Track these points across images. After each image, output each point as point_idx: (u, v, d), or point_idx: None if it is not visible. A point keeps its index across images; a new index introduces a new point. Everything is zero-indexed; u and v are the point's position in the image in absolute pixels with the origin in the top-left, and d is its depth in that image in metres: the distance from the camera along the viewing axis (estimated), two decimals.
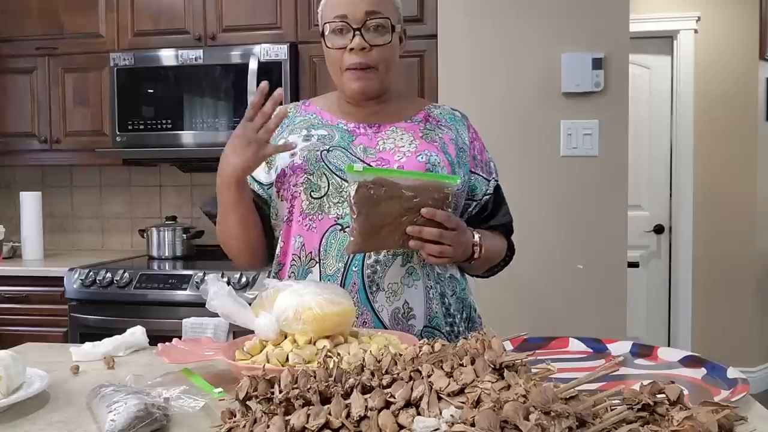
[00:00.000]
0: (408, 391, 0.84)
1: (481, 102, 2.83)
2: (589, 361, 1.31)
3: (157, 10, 3.39)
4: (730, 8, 4.53)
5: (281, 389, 0.88)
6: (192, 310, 2.65)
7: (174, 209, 3.75)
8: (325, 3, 1.52)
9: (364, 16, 1.46)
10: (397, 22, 1.51)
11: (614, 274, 2.81)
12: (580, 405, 0.79)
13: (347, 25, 1.46)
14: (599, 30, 2.78)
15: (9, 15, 3.54)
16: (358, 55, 1.46)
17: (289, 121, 1.59)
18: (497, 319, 1.63)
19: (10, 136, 3.60)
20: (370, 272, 1.45)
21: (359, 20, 1.46)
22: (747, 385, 1.08)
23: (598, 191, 2.80)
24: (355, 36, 1.45)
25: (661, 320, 4.78)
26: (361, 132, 1.55)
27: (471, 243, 1.45)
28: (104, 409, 1.01)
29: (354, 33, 1.45)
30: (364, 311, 1.45)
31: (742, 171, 4.56)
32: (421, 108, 1.62)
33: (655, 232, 4.73)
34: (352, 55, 1.46)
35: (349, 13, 1.46)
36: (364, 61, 1.47)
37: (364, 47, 1.45)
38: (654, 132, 4.70)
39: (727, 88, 4.55)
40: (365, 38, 1.45)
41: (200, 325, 1.97)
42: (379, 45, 1.47)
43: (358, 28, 1.45)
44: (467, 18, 2.86)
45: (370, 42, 1.46)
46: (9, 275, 3.25)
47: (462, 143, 1.58)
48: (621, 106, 2.78)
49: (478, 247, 1.46)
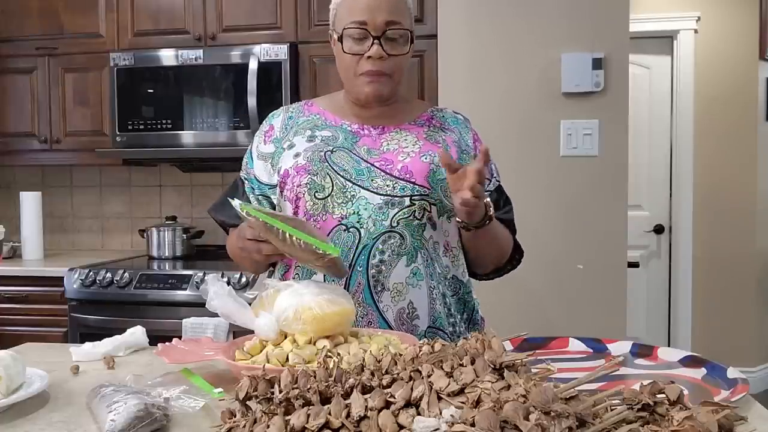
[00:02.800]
0: (408, 391, 0.84)
1: (481, 102, 2.83)
2: (589, 361, 1.31)
3: (157, 10, 3.39)
4: (730, 8, 4.52)
5: (281, 389, 0.88)
6: (192, 310, 2.65)
7: (174, 209, 3.75)
8: (339, 3, 1.51)
9: (384, 26, 1.45)
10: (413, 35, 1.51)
11: (614, 274, 2.81)
12: (580, 405, 0.79)
13: (366, 32, 1.45)
14: (599, 30, 2.77)
15: (9, 15, 3.54)
16: (375, 63, 1.46)
17: (293, 121, 1.60)
18: (497, 319, 1.63)
19: (10, 136, 3.59)
20: (375, 272, 1.45)
21: (379, 29, 1.45)
22: (747, 385, 1.08)
23: (598, 191, 2.80)
24: (374, 44, 1.45)
25: (661, 320, 4.78)
26: (365, 133, 1.55)
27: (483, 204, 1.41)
28: (104, 409, 1.01)
29: (373, 41, 1.45)
30: (369, 311, 1.45)
31: (742, 171, 4.55)
32: (424, 111, 1.62)
33: (655, 232, 4.73)
34: (369, 62, 1.46)
35: (368, 20, 1.45)
36: (380, 69, 1.47)
37: (382, 56, 1.46)
38: (654, 132, 4.70)
39: (727, 88, 4.55)
40: (383, 47, 1.45)
41: (200, 325, 1.97)
42: (396, 55, 1.47)
43: (378, 37, 1.45)
44: (467, 18, 2.86)
45: (389, 51, 1.46)
46: (9, 275, 3.25)
47: (465, 146, 1.58)
48: (621, 106, 2.78)
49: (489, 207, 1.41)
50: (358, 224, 1.45)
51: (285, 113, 1.62)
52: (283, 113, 1.63)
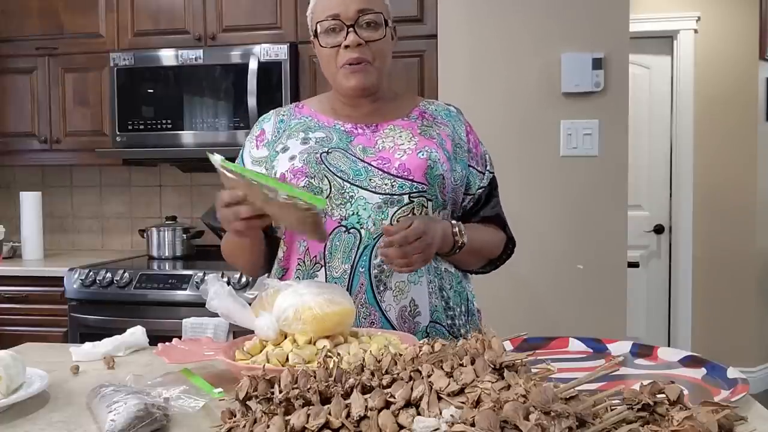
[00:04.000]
0: (408, 391, 0.84)
1: (481, 102, 2.83)
2: (589, 361, 1.31)
3: (157, 10, 3.39)
4: (730, 8, 4.52)
5: (281, 389, 0.88)
6: (192, 310, 2.65)
7: (174, 209, 3.75)
8: (315, 4, 1.52)
9: (356, 14, 1.46)
10: (388, 17, 1.51)
11: (614, 274, 2.81)
12: (580, 405, 0.79)
13: (340, 23, 1.46)
14: (599, 30, 2.77)
15: (9, 15, 3.54)
16: (353, 52, 1.47)
17: (285, 124, 1.59)
18: (497, 319, 1.63)
19: (10, 136, 3.60)
20: (377, 272, 1.45)
21: (352, 18, 1.46)
22: (747, 385, 1.08)
23: (598, 191, 2.80)
24: (349, 33, 1.46)
25: (661, 320, 4.78)
26: (359, 132, 1.54)
27: (449, 233, 1.45)
28: (104, 409, 1.01)
29: (347, 30, 1.46)
30: (372, 311, 1.45)
31: (742, 171, 4.55)
32: (415, 105, 1.62)
33: (655, 232, 4.73)
34: (347, 51, 1.47)
35: (341, 12, 1.46)
36: (359, 56, 1.47)
37: (359, 43, 1.46)
38: (654, 132, 4.70)
39: (727, 88, 4.55)
40: (358, 34, 1.46)
41: (200, 325, 1.97)
42: (373, 40, 1.47)
43: (351, 25, 1.46)
44: (467, 18, 2.86)
45: (365, 38, 1.47)
46: (9, 275, 3.25)
47: (458, 138, 1.58)
48: (621, 106, 2.78)
49: (459, 236, 1.46)
50: (358, 225, 1.45)
51: (276, 116, 1.62)
52: (273, 116, 1.62)
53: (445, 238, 1.44)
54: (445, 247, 1.45)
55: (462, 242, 1.47)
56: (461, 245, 1.47)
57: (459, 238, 1.46)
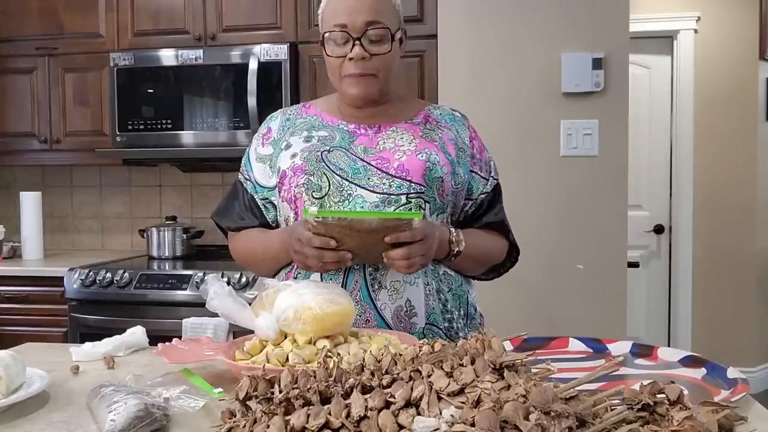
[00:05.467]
0: (408, 391, 0.84)
1: (481, 102, 2.83)
2: (589, 361, 1.31)
3: (157, 10, 3.39)
4: (730, 8, 4.52)
5: (281, 389, 0.88)
6: (192, 310, 2.65)
7: (174, 209, 3.75)
8: (324, 7, 1.52)
9: (363, 26, 1.46)
10: (397, 28, 1.51)
11: (614, 274, 2.81)
12: (580, 405, 0.79)
13: (347, 35, 1.46)
14: (599, 30, 2.77)
15: (9, 15, 3.54)
16: (357, 65, 1.47)
17: (290, 123, 1.61)
18: (497, 318, 1.63)
19: (10, 136, 3.59)
20: (372, 270, 1.45)
21: (359, 30, 1.46)
22: (747, 385, 1.08)
23: (598, 191, 2.80)
24: (355, 46, 1.46)
25: (661, 320, 4.78)
26: (361, 132, 1.55)
27: (446, 240, 1.46)
28: (104, 409, 1.01)
29: (354, 43, 1.46)
30: (367, 309, 1.45)
31: (742, 171, 4.55)
32: (420, 109, 1.62)
33: (655, 232, 4.73)
34: (352, 63, 1.47)
35: (348, 23, 1.46)
36: (363, 70, 1.48)
37: (364, 57, 1.46)
38: (654, 132, 4.70)
39: (727, 88, 4.55)
40: (365, 47, 1.46)
41: (200, 325, 1.97)
42: (378, 54, 1.47)
43: (358, 38, 1.46)
44: (467, 18, 2.86)
45: (370, 51, 1.47)
46: (9, 275, 3.25)
47: (462, 143, 1.58)
48: (621, 106, 2.78)
49: (456, 244, 1.47)
50: None
51: (283, 116, 1.63)
52: (280, 116, 1.64)
53: (441, 245, 1.45)
54: (440, 254, 1.46)
55: (458, 251, 1.48)
56: (456, 253, 1.48)
57: (455, 247, 1.48)
